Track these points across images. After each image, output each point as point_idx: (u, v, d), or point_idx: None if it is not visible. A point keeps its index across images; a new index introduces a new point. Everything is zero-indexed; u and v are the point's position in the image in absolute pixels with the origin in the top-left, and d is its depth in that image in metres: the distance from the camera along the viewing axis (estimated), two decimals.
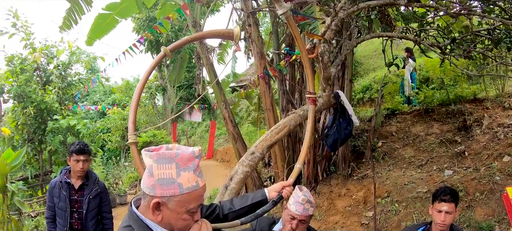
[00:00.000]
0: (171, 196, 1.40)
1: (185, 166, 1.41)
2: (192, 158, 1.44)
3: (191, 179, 1.42)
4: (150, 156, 1.40)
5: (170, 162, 1.39)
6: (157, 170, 1.39)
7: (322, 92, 4.36)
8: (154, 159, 1.39)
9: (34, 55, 10.04)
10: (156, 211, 1.43)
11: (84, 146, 3.62)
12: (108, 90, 20.56)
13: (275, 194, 2.15)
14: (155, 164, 1.39)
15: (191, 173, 1.43)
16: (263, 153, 3.56)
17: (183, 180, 1.41)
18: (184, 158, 1.41)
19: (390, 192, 6.12)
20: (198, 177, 1.46)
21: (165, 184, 1.39)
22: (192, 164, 1.43)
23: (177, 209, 1.43)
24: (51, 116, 9.91)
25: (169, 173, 1.39)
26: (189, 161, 1.43)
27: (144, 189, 1.44)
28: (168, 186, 1.39)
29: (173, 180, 1.39)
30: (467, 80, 9.93)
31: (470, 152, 6.76)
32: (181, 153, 1.41)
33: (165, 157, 1.40)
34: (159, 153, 1.40)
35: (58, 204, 3.68)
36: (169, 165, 1.39)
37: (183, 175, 1.41)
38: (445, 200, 2.81)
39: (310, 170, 6.73)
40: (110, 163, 12.48)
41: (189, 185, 1.42)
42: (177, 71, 14.69)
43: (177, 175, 1.40)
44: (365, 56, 16.12)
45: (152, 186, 1.40)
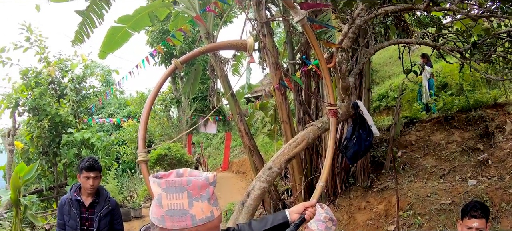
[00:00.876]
0: (183, 228, 1.25)
1: (198, 195, 1.26)
2: (206, 186, 1.28)
3: (205, 209, 1.27)
4: (158, 184, 1.25)
5: (181, 190, 1.24)
6: (166, 200, 1.24)
7: (341, 103, 4.22)
8: (163, 188, 1.24)
9: (48, 69, 10.15)
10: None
11: (94, 162, 3.51)
12: (123, 103, 20.74)
13: (296, 216, 1.97)
14: (164, 193, 1.24)
15: (205, 203, 1.27)
16: (281, 167, 3.42)
17: (196, 211, 1.25)
18: (197, 186, 1.25)
19: (412, 204, 5.90)
20: (213, 207, 1.30)
21: (176, 215, 1.23)
22: (206, 193, 1.28)
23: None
24: (65, 129, 9.98)
25: (180, 204, 1.24)
26: (203, 189, 1.27)
27: (153, 219, 1.28)
28: (180, 218, 1.24)
29: (185, 211, 1.24)
30: (486, 84, 9.66)
31: (493, 160, 6.52)
32: (194, 181, 1.25)
33: (176, 185, 1.24)
34: (169, 181, 1.25)
35: (68, 222, 3.57)
36: (180, 194, 1.23)
37: (196, 205, 1.25)
38: (475, 216, 2.66)
39: (329, 182, 6.55)
40: (124, 176, 12.49)
41: (203, 216, 1.26)
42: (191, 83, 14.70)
43: (189, 206, 1.24)
44: (380, 64, 15.88)
45: (162, 217, 1.25)
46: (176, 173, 1.32)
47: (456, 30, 6.07)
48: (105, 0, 7.33)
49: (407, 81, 9.26)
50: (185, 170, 1.34)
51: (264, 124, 15.20)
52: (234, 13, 10.44)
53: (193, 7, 7.28)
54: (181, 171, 1.33)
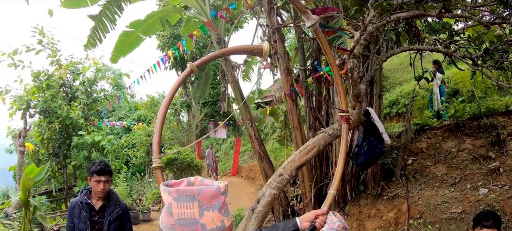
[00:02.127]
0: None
1: (209, 204, 1.25)
2: (217, 195, 1.27)
3: (216, 219, 1.26)
4: (169, 192, 1.24)
5: (192, 200, 1.23)
6: (177, 208, 1.23)
7: (352, 110, 4.20)
8: (173, 197, 1.23)
9: (60, 71, 10.26)
10: None
11: (105, 166, 3.51)
12: (133, 106, 20.87)
13: (307, 224, 1.96)
14: (174, 202, 1.23)
15: (216, 213, 1.26)
16: (292, 174, 3.41)
17: (206, 221, 1.24)
18: (208, 195, 1.24)
19: (423, 213, 5.82)
20: (224, 216, 1.29)
21: (187, 224, 1.23)
22: (217, 202, 1.27)
23: None
24: (76, 131, 10.07)
25: (190, 213, 1.23)
26: (214, 199, 1.26)
27: (163, 228, 1.27)
28: (190, 227, 1.23)
29: (196, 220, 1.23)
30: (498, 92, 9.54)
31: (505, 168, 6.42)
32: (205, 190, 1.24)
33: (186, 194, 1.23)
34: (179, 190, 1.24)
35: (78, 225, 3.57)
36: (190, 204, 1.23)
37: (207, 214, 1.24)
38: (487, 226, 2.64)
39: (339, 189, 6.51)
40: (134, 179, 12.54)
41: (214, 226, 1.25)
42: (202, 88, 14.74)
43: (200, 215, 1.23)
44: (390, 70, 15.78)
45: (172, 226, 1.24)
46: (187, 181, 1.31)
47: (468, 37, 6.02)
48: (117, 5, 7.40)
49: (418, 88, 9.17)
50: (196, 179, 1.33)
51: (274, 129, 15.16)
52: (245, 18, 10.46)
53: (204, 13, 7.31)
54: (192, 179, 1.32)
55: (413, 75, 7.38)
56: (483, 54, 5.62)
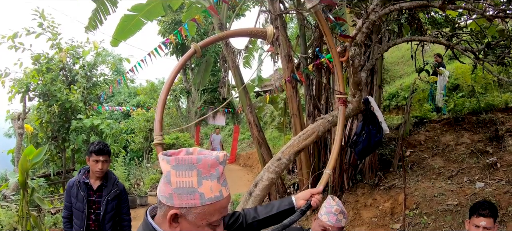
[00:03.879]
0: (191, 207, 1.23)
1: (208, 173, 1.24)
2: (216, 165, 1.27)
3: (214, 188, 1.25)
4: (168, 161, 1.24)
5: (191, 168, 1.22)
6: (175, 177, 1.22)
7: (352, 98, 4.20)
8: (172, 165, 1.22)
9: (60, 54, 10.19)
10: (173, 223, 1.26)
11: (104, 146, 3.53)
12: (133, 92, 20.81)
13: (303, 202, 1.97)
14: (173, 170, 1.22)
15: (214, 182, 1.25)
16: (290, 159, 3.42)
17: (205, 190, 1.23)
18: (207, 164, 1.24)
19: (419, 203, 5.86)
20: (223, 186, 1.28)
21: (185, 193, 1.22)
22: (215, 171, 1.26)
23: (197, 222, 1.26)
24: (75, 115, 10.04)
25: (189, 182, 1.22)
26: (213, 168, 1.25)
27: (161, 197, 1.27)
28: (188, 196, 1.22)
29: (194, 189, 1.22)
30: (498, 88, 9.55)
31: (502, 164, 6.46)
32: (204, 159, 1.24)
33: (185, 162, 1.22)
34: (178, 158, 1.23)
35: (76, 205, 3.60)
36: (189, 172, 1.22)
37: (206, 183, 1.23)
38: (483, 215, 2.65)
39: (336, 178, 6.53)
40: (132, 164, 12.56)
41: (212, 195, 1.24)
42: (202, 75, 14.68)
43: (199, 184, 1.23)
44: (391, 63, 15.77)
45: (170, 195, 1.23)
46: (186, 151, 1.30)
47: (470, 30, 6.01)
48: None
49: (419, 81, 9.17)
50: (194, 149, 1.32)
51: (273, 118, 15.17)
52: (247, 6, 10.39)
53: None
54: (191, 149, 1.31)
55: (414, 68, 7.39)
56: (485, 48, 5.61)
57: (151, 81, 18.03)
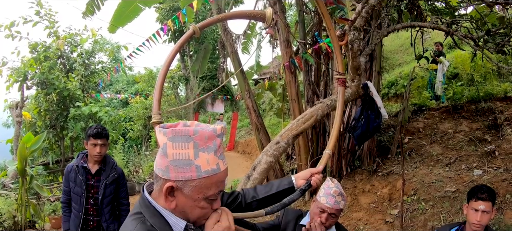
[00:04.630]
0: (187, 180, 1.21)
1: (205, 145, 1.22)
2: (213, 137, 1.25)
3: (211, 161, 1.23)
4: (164, 133, 1.22)
5: (187, 140, 1.20)
6: (172, 149, 1.20)
7: (351, 82, 4.17)
8: (169, 137, 1.20)
9: (57, 42, 10.13)
10: (170, 196, 1.25)
11: (102, 129, 3.51)
12: (131, 80, 20.75)
13: (303, 182, 1.94)
14: (170, 142, 1.20)
15: (211, 154, 1.23)
16: (289, 142, 3.40)
17: (201, 162, 1.21)
18: (204, 136, 1.22)
19: (417, 190, 5.87)
20: (220, 159, 1.26)
21: (181, 166, 1.20)
22: (212, 144, 1.24)
23: (193, 195, 1.24)
24: (73, 103, 10.01)
25: (185, 153, 1.20)
26: (210, 140, 1.23)
27: (157, 171, 1.25)
28: (184, 169, 1.20)
29: (190, 161, 1.20)
30: (497, 78, 9.55)
31: (500, 152, 6.48)
32: (201, 131, 1.22)
33: (182, 134, 1.21)
34: (175, 130, 1.21)
35: (74, 189, 3.59)
36: (186, 144, 1.20)
37: (202, 156, 1.21)
38: (482, 199, 2.63)
39: (334, 163, 6.54)
40: (131, 151, 12.57)
41: (209, 168, 1.22)
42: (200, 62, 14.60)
43: (195, 156, 1.20)
44: (391, 51, 15.73)
45: (166, 167, 1.21)
46: (183, 123, 1.28)
47: (470, 17, 5.98)
48: None
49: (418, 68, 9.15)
50: (192, 122, 1.30)
51: (272, 105, 15.14)
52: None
53: None
54: (189, 122, 1.30)
55: (414, 55, 7.36)
56: (485, 35, 5.59)
57: (149, 69, 17.95)
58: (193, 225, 1.35)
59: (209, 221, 1.35)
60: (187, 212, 1.29)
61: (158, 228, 1.26)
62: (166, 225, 1.28)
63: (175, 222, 1.29)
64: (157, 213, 1.29)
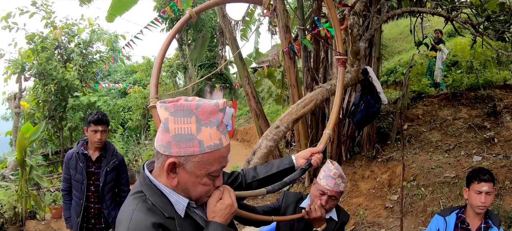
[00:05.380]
0: (190, 155, 1.19)
1: (207, 120, 1.21)
2: (216, 111, 1.23)
3: (214, 136, 1.21)
4: (166, 108, 1.20)
5: (190, 115, 1.19)
6: (173, 124, 1.18)
7: (350, 67, 4.16)
8: (170, 111, 1.19)
9: (55, 32, 10.07)
10: (171, 173, 1.23)
11: (102, 115, 3.49)
12: (129, 70, 20.65)
13: (303, 161, 1.92)
14: (171, 117, 1.19)
15: (214, 129, 1.22)
16: (289, 127, 3.39)
17: (204, 137, 1.19)
18: (206, 110, 1.21)
19: (416, 175, 5.89)
20: (222, 135, 1.25)
21: (183, 140, 1.18)
22: (215, 119, 1.23)
23: (196, 171, 1.22)
24: (71, 93, 9.97)
25: (187, 128, 1.18)
26: (212, 115, 1.22)
27: (158, 147, 1.23)
28: (187, 143, 1.18)
29: (193, 136, 1.18)
30: (497, 66, 9.54)
31: (499, 139, 6.49)
32: (203, 105, 1.21)
33: (184, 108, 1.19)
34: (177, 104, 1.20)
35: (75, 176, 3.58)
36: (188, 119, 1.18)
37: (205, 130, 1.20)
38: (484, 180, 2.63)
39: (334, 149, 6.55)
40: (130, 140, 12.56)
41: (211, 143, 1.21)
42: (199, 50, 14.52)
43: (197, 131, 1.19)
44: (390, 39, 15.68)
45: (168, 143, 1.20)
46: (184, 99, 1.27)
47: (470, 3, 5.95)
48: None
49: (418, 54, 9.13)
50: (193, 98, 1.29)
51: (270, 93, 15.09)
52: None
53: None
54: (190, 98, 1.28)
55: (413, 43, 7.34)
56: (485, 21, 5.56)
57: (147, 58, 17.84)
58: (195, 203, 1.34)
59: (211, 198, 1.34)
60: (189, 190, 1.27)
61: (160, 206, 1.24)
62: (167, 203, 1.27)
63: (177, 200, 1.28)
64: (159, 191, 1.27)
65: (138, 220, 1.19)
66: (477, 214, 2.69)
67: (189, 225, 1.30)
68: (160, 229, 1.19)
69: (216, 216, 1.31)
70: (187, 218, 1.30)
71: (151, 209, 1.23)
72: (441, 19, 7.65)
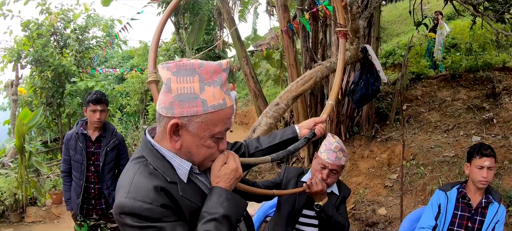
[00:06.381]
0: (193, 115, 1.16)
1: (211, 79, 1.18)
2: (219, 71, 1.20)
3: (218, 95, 1.18)
4: (168, 68, 1.17)
5: (193, 74, 1.16)
6: (176, 83, 1.15)
7: (350, 45, 4.14)
8: (172, 71, 1.16)
9: (50, 17, 9.97)
10: (174, 136, 1.20)
11: (101, 95, 3.45)
12: (126, 55, 20.53)
13: (306, 131, 1.89)
14: (174, 76, 1.16)
15: (217, 88, 1.18)
16: (288, 104, 3.38)
17: (207, 96, 1.16)
18: (210, 70, 1.18)
19: (416, 155, 5.91)
20: (226, 95, 1.22)
21: (186, 100, 1.15)
22: (218, 78, 1.20)
23: (199, 132, 1.19)
24: (68, 79, 9.92)
25: (190, 87, 1.15)
26: (215, 74, 1.19)
27: (160, 110, 1.20)
28: (190, 103, 1.15)
29: (196, 95, 1.15)
30: (496, 48, 9.50)
31: (498, 120, 6.50)
32: (206, 64, 1.18)
33: (187, 67, 1.16)
34: (179, 64, 1.17)
35: (74, 157, 3.54)
36: (191, 78, 1.15)
37: (208, 90, 1.17)
38: (486, 155, 2.62)
39: (333, 129, 6.55)
40: (129, 125, 12.56)
41: (215, 102, 1.18)
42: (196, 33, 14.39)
43: (201, 90, 1.16)
44: (389, 22, 15.61)
45: (170, 104, 1.16)
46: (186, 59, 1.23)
47: None
48: None
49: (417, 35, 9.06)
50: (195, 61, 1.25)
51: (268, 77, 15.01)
52: None
53: None
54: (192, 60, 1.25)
55: (413, 24, 7.29)
56: (485, 1, 5.50)
57: (144, 42, 17.70)
58: (198, 169, 1.32)
59: (215, 163, 1.31)
60: (192, 153, 1.24)
61: (162, 171, 1.22)
62: (170, 168, 1.24)
63: (180, 164, 1.25)
64: (161, 156, 1.25)
65: (139, 183, 1.17)
66: (478, 189, 2.69)
67: (192, 190, 1.28)
68: (162, 192, 1.17)
69: (220, 181, 1.28)
70: (190, 184, 1.28)
71: (153, 173, 1.21)
72: (440, 1, 7.61)
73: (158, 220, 1.15)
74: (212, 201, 1.25)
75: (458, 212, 2.75)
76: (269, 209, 3.00)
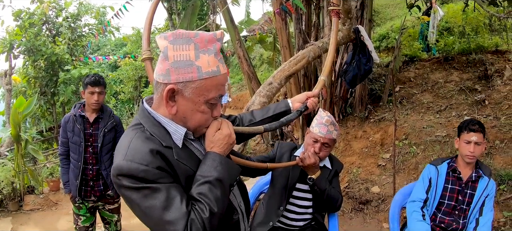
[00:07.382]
0: (188, 81, 1.23)
1: (205, 47, 1.25)
2: (214, 40, 1.28)
3: (212, 62, 1.26)
4: (165, 37, 1.25)
5: (188, 42, 1.23)
6: (173, 51, 1.22)
7: (342, 26, 4.17)
8: (169, 40, 1.23)
9: (42, 6, 9.88)
10: (170, 101, 1.27)
11: (99, 77, 3.49)
12: (119, 43, 20.38)
13: (299, 105, 1.96)
14: (170, 44, 1.23)
15: (211, 56, 1.26)
16: (281, 83, 3.43)
17: (202, 63, 1.24)
18: (204, 39, 1.25)
19: (408, 134, 5.99)
20: (220, 63, 1.29)
21: (182, 66, 1.22)
22: (213, 47, 1.27)
23: (194, 98, 1.26)
24: (62, 67, 9.88)
25: (186, 55, 1.23)
26: (210, 43, 1.26)
27: (157, 77, 1.27)
28: (185, 69, 1.22)
29: (191, 62, 1.23)
30: (489, 32, 9.55)
31: (490, 101, 6.57)
32: (201, 33, 1.26)
33: (183, 36, 1.24)
34: (176, 33, 1.24)
35: (72, 139, 3.58)
36: (186, 46, 1.23)
37: (203, 57, 1.24)
38: (474, 130, 2.68)
39: (327, 110, 6.62)
40: (123, 112, 12.56)
41: (209, 69, 1.25)
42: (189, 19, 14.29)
43: (196, 57, 1.23)
44: (382, 5, 15.59)
45: (167, 70, 1.23)
46: (183, 30, 1.29)
47: None
48: None
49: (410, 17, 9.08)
50: (191, 31, 1.32)
51: (262, 61, 15.00)
52: None
53: None
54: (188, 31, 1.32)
55: (406, 5, 7.30)
56: None
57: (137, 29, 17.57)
58: (193, 135, 1.38)
59: (210, 129, 1.37)
60: (187, 118, 1.31)
61: (158, 136, 1.28)
62: (165, 134, 1.31)
63: (175, 129, 1.32)
64: (157, 122, 1.31)
65: (136, 147, 1.24)
66: (468, 164, 2.76)
67: (187, 155, 1.34)
68: (158, 155, 1.23)
69: (214, 146, 1.35)
70: (185, 149, 1.34)
71: (150, 138, 1.27)
72: None
73: (154, 182, 1.21)
74: (206, 165, 1.32)
75: (448, 185, 2.81)
76: (263, 185, 3.06)
